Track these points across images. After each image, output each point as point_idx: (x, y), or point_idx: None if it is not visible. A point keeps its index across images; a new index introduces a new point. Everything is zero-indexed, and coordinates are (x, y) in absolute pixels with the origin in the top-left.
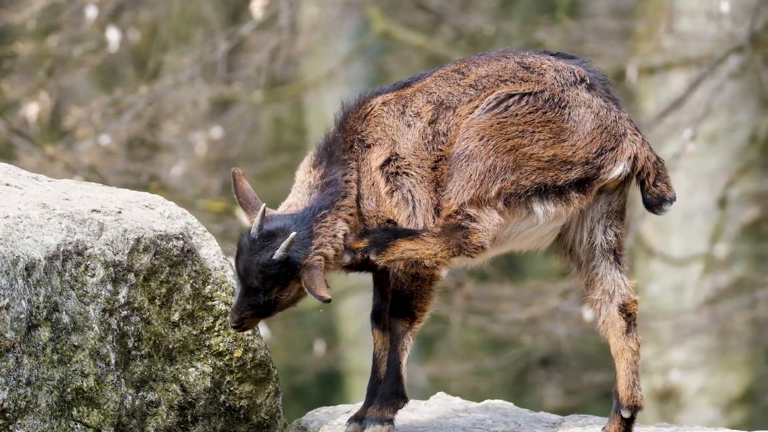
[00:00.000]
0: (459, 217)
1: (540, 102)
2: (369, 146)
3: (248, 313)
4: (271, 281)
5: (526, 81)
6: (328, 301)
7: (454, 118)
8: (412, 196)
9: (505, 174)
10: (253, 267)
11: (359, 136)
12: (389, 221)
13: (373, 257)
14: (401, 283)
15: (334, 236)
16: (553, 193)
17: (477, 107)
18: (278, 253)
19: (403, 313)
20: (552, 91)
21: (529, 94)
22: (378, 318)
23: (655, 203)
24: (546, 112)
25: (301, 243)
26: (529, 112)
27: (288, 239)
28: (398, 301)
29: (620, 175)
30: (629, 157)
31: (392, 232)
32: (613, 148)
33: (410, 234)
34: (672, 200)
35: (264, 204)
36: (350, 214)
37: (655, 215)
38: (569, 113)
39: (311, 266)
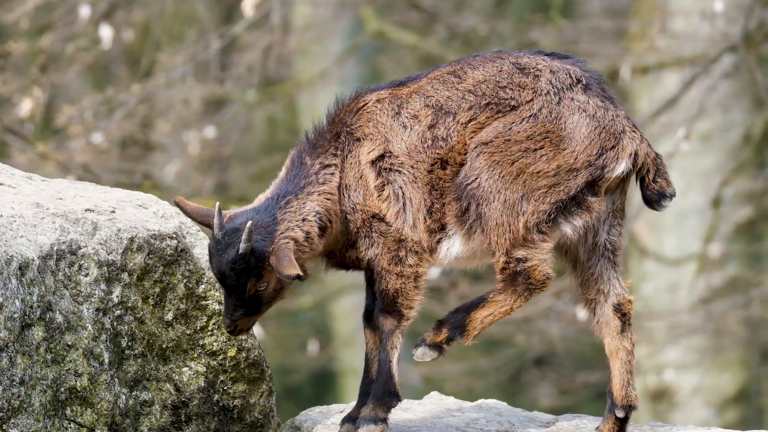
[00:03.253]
0: (512, 265)
1: (539, 120)
2: (358, 140)
3: (238, 313)
4: (244, 276)
5: (523, 88)
6: (298, 276)
7: (455, 125)
8: (403, 193)
9: (521, 206)
10: (224, 266)
11: (348, 129)
12: (374, 216)
13: (460, 342)
14: (386, 282)
15: (303, 220)
16: (573, 205)
17: (477, 125)
18: (242, 246)
19: (390, 311)
20: (547, 101)
21: (527, 117)
22: (370, 317)
23: (655, 199)
24: (544, 125)
25: (266, 231)
26: (528, 136)
27: (246, 230)
28: (385, 300)
29: (623, 173)
30: (630, 154)
31: (463, 310)
32: (613, 147)
33: (479, 302)
34: (672, 196)
35: (218, 203)
36: (327, 199)
37: (650, 214)
38: (565, 121)
39: (278, 249)
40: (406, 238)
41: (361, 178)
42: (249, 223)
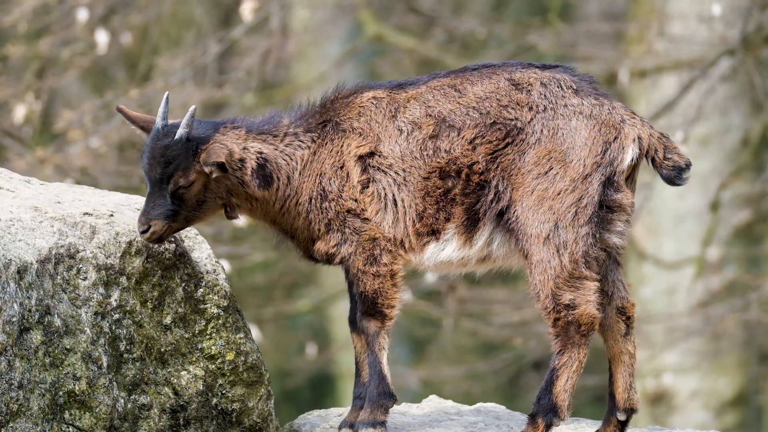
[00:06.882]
0: (562, 314)
1: (539, 141)
2: (344, 131)
3: (155, 212)
4: (173, 165)
5: (522, 106)
6: (221, 165)
7: (459, 140)
8: (386, 194)
9: (563, 235)
10: (156, 152)
11: (337, 119)
12: (349, 211)
13: (559, 423)
14: (364, 284)
15: (244, 149)
16: (607, 212)
17: (489, 145)
18: (180, 132)
19: (372, 313)
20: (544, 117)
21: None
22: (355, 322)
23: (674, 175)
24: (545, 145)
25: (205, 131)
26: (535, 162)
27: (188, 113)
28: (365, 303)
29: (633, 159)
30: (634, 140)
31: (544, 393)
32: (616, 138)
33: (552, 377)
34: (688, 166)
35: (167, 92)
36: (282, 158)
37: (648, 217)
38: (563, 134)
39: (211, 148)
40: (381, 236)
41: (341, 168)
42: (192, 107)
